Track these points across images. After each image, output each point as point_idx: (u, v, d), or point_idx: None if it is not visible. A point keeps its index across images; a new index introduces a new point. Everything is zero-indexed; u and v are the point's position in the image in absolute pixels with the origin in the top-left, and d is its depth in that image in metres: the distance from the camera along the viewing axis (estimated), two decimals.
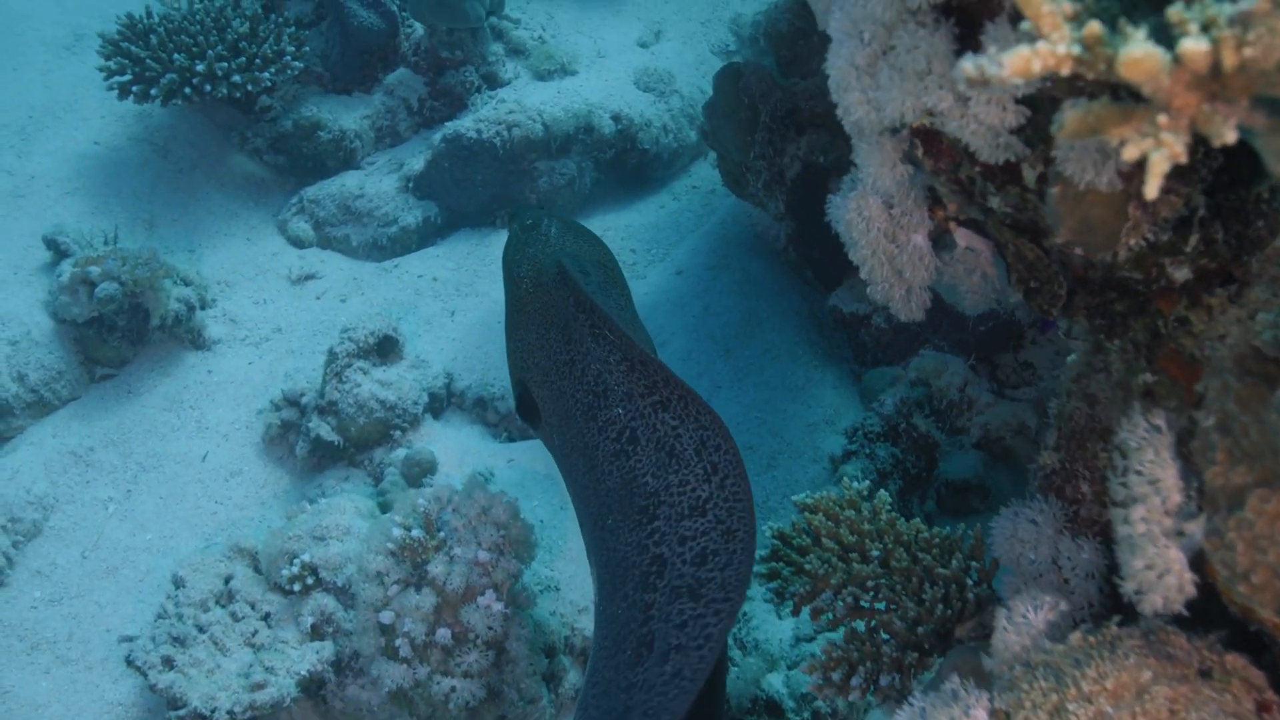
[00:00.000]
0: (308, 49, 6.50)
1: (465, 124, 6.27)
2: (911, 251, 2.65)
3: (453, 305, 5.96)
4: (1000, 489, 5.14)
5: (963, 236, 2.67)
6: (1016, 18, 1.95)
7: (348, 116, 6.62)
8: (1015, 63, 1.47)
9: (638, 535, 2.89)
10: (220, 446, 5.45)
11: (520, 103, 6.34)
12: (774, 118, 5.34)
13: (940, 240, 2.69)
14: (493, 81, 6.84)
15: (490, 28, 6.81)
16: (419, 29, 6.68)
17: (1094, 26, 1.32)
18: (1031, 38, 1.46)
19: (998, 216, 2.42)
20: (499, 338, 5.66)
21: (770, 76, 5.31)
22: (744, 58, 7.44)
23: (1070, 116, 1.40)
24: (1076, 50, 1.34)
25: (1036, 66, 1.46)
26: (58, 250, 5.79)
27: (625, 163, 6.55)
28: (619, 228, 6.49)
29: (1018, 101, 1.96)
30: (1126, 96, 1.37)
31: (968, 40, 2.09)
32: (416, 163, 6.36)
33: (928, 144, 2.39)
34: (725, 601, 2.63)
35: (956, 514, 5.12)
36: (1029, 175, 2.18)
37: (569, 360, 3.32)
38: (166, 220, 6.44)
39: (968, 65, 1.49)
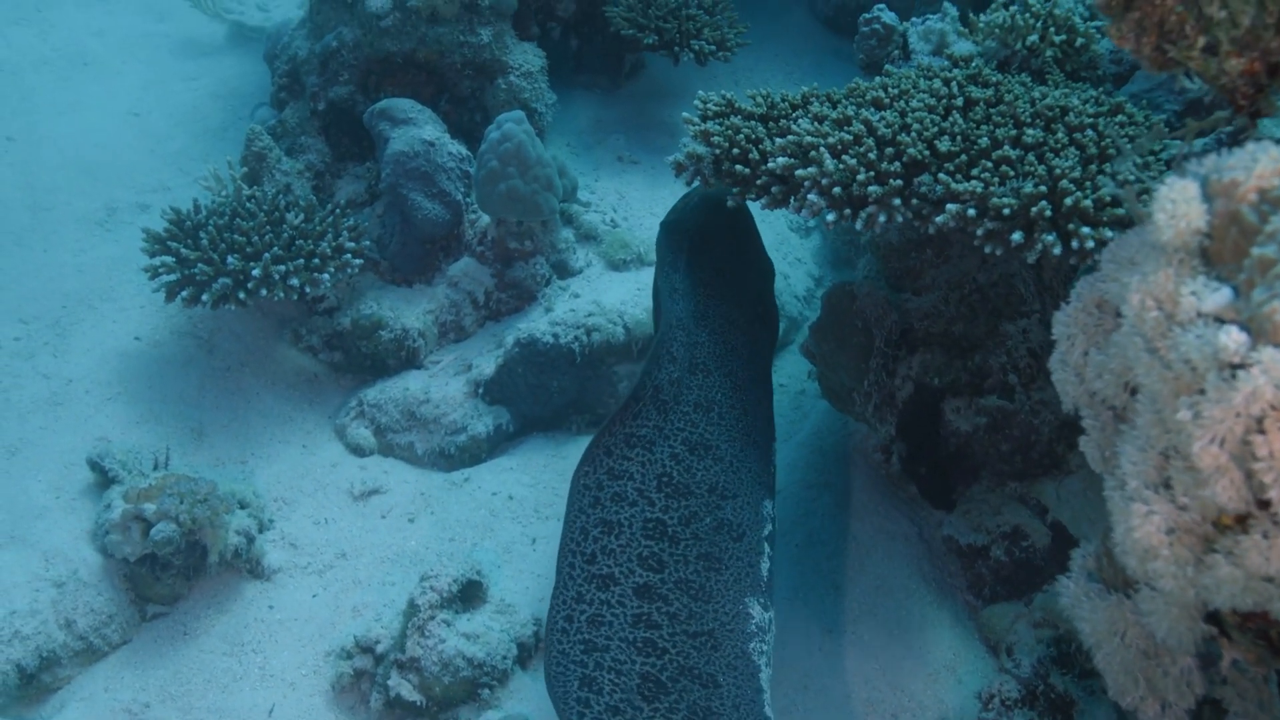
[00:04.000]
0: (367, 243, 6.30)
1: (540, 326, 6.05)
2: (1177, 675, 2.40)
3: (533, 531, 5.70)
4: None
5: (1231, 649, 2.43)
6: None
7: (409, 313, 6.39)
8: None
9: None
10: (287, 697, 5.17)
11: (599, 303, 6.13)
12: (889, 342, 5.13)
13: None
14: (563, 271, 6.64)
15: (560, 212, 6.61)
16: (485, 216, 6.47)
17: None
18: None
19: None
20: None
21: (886, 300, 5.11)
22: (823, 235, 7.26)
23: None
24: None
25: None
26: (103, 474, 5.55)
27: None
28: None
29: None
30: None
31: None
32: (486, 366, 6.13)
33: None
34: None
35: None
36: None
37: None
38: (216, 427, 6.19)
39: None
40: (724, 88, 8.28)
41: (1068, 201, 3.79)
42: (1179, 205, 1.91)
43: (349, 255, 6.13)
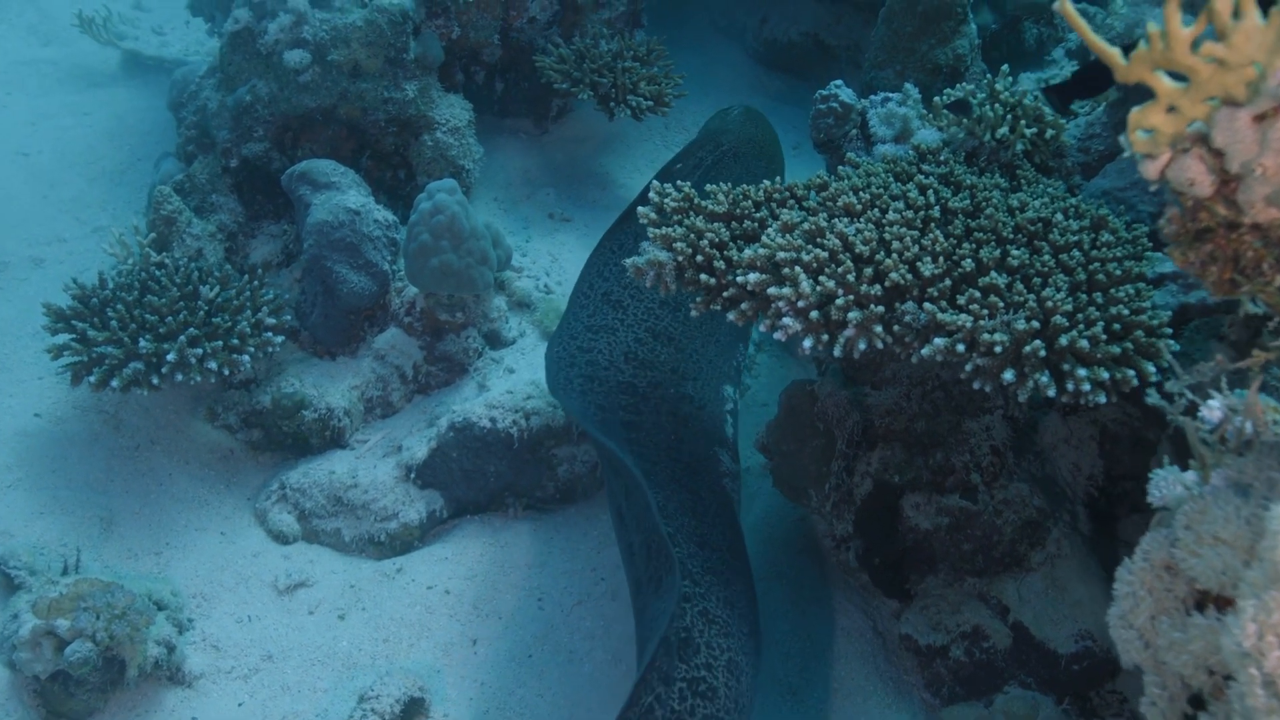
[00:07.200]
0: (288, 317, 6.00)
1: (476, 409, 5.80)
2: None
3: (473, 630, 5.47)
4: None
5: None
6: None
7: (334, 390, 6.10)
8: None
9: None
10: None
11: (537, 383, 5.92)
12: (851, 444, 4.99)
13: None
14: (495, 341, 6.40)
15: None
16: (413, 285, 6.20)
17: None
18: None
19: None
20: (533, 679, 5.22)
21: (847, 401, 4.97)
22: None
23: None
24: None
25: None
26: (8, 580, 5.20)
27: None
28: None
29: None
30: None
31: None
32: (418, 448, 5.86)
33: None
34: None
35: None
36: None
37: None
38: (126, 514, 5.86)
39: None
40: (656, 134, 8.13)
41: (1062, 340, 3.67)
42: None
43: (270, 333, 5.82)
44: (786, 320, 3.97)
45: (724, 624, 4.25)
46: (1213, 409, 2.38)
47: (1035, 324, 3.73)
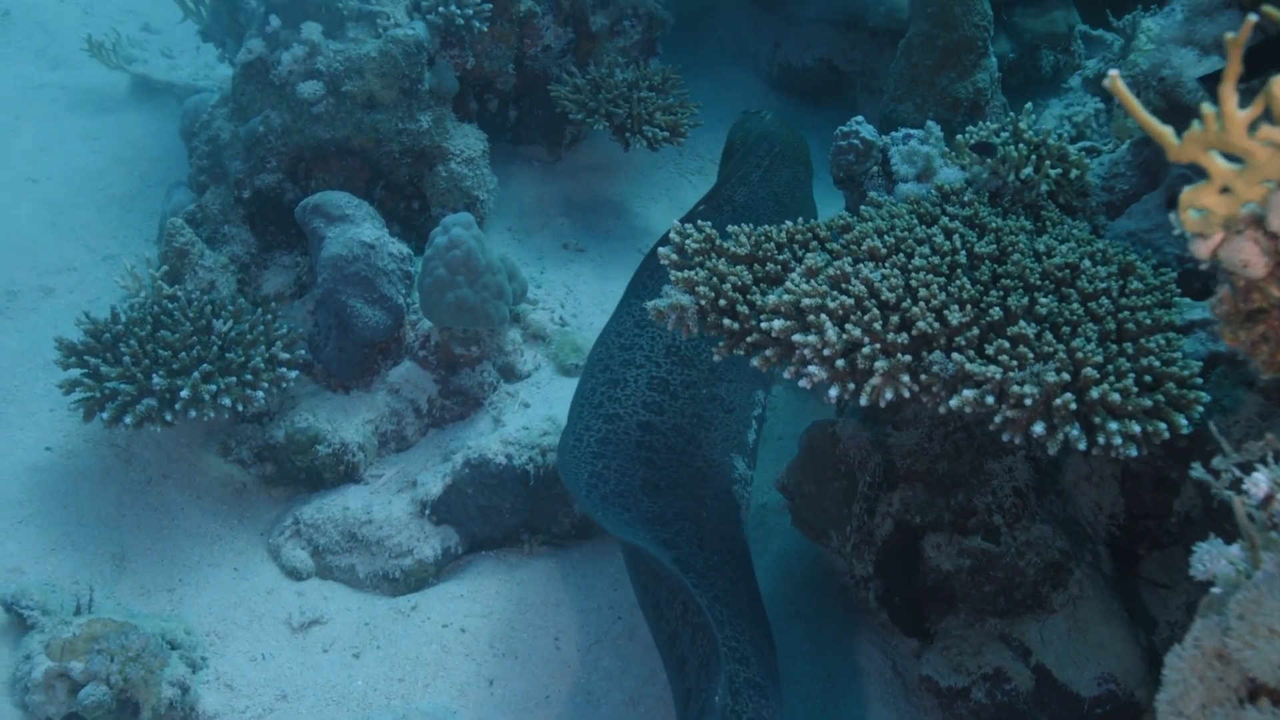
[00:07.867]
0: (302, 351, 5.97)
1: (492, 446, 5.77)
2: None
3: (489, 670, 5.43)
4: None
5: None
6: None
7: (348, 424, 6.07)
8: None
9: None
10: None
11: (553, 419, 5.88)
12: (873, 485, 4.95)
13: None
14: (510, 374, 6.38)
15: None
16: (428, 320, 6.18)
17: None
18: None
19: None
20: None
21: (869, 443, 4.93)
22: None
23: None
24: None
25: None
26: (20, 619, 5.17)
27: None
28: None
29: None
30: None
31: None
32: (433, 485, 5.83)
33: None
34: None
35: None
36: None
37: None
38: (139, 550, 5.82)
39: None
40: (670, 161, 8.11)
41: (1093, 393, 3.63)
42: None
43: (284, 369, 5.79)
44: (812, 369, 3.93)
45: (736, 608, 4.44)
46: (1258, 484, 2.34)
47: (1066, 375, 3.69)
